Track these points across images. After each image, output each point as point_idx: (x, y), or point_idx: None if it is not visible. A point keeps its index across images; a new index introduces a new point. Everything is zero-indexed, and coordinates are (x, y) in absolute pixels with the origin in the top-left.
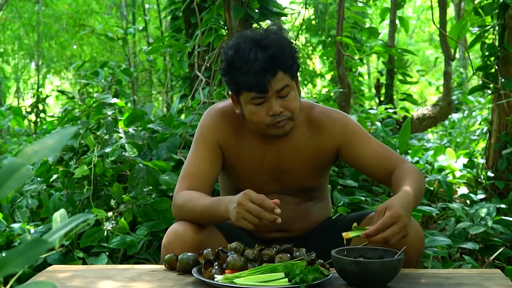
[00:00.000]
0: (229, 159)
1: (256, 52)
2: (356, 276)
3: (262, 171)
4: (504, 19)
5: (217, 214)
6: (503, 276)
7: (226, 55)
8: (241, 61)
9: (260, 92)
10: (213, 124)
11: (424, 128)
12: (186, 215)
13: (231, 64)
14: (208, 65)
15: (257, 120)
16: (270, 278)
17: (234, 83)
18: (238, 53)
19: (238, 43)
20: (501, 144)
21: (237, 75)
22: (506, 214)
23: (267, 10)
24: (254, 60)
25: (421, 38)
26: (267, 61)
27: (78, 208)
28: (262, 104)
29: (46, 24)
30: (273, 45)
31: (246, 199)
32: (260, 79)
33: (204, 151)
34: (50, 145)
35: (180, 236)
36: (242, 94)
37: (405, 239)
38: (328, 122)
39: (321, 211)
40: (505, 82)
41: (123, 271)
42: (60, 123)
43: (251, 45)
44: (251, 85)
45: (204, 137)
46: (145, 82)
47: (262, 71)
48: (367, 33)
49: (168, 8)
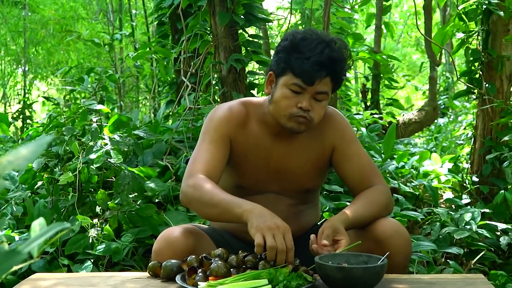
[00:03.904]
0: (236, 156)
1: (325, 47)
2: (339, 282)
3: (266, 170)
4: (488, 25)
5: (232, 211)
6: (486, 281)
7: (293, 37)
8: (306, 47)
9: (306, 82)
10: (224, 118)
11: (410, 133)
12: (198, 200)
13: (294, 46)
14: (194, 71)
15: (285, 105)
16: (253, 284)
17: (287, 62)
18: (306, 40)
19: (307, 34)
20: (485, 149)
21: (294, 57)
22: (490, 218)
23: (253, 16)
24: (320, 52)
25: (408, 43)
26: (329, 60)
27: (63, 215)
28: (297, 94)
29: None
30: (339, 52)
31: (284, 229)
32: (315, 71)
33: (217, 141)
34: (25, 155)
35: (171, 243)
36: (286, 75)
37: (391, 243)
38: (331, 124)
39: (311, 216)
40: (489, 87)
41: (107, 278)
42: (45, 129)
43: (320, 40)
44: (303, 72)
45: (216, 129)
46: (131, 87)
47: (320, 64)
48: (352, 39)
49: (155, 14)
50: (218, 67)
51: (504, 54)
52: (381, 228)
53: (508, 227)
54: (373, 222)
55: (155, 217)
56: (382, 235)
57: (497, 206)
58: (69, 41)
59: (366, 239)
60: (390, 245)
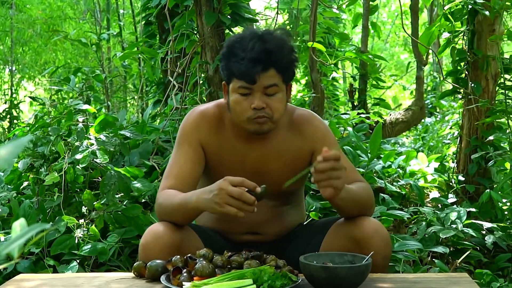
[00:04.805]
0: (211, 160)
1: (255, 43)
2: (324, 281)
3: (243, 172)
4: (473, 25)
5: (189, 206)
6: (470, 280)
7: (229, 42)
8: (239, 48)
9: (248, 81)
10: (195, 125)
11: (397, 133)
12: (164, 212)
13: (230, 50)
14: (181, 71)
15: (240, 110)
16: (238, 284)
17: (227, 68)
18: (239, 41)
19: (244, 33)
20: (471, 148)
21: (232, 61)
22: (476, 217)
23: (239, 16)
24: (251, 49)
25: (396, 43)
26: (262, 53)
27: (48, 215)
28: (247, 96)
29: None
30: (274, 42)
31: (227, 183)
32: (251, 68)
33: (187, 152)
34: (3, 156)
35: (158, 237)
36: (232, 81)
37: (371, 244)
38: (309, 127)
39: (295, 216)
40: (474, 87)
41: (91, 279)
42: (30, 129)
43: (253, 37)
44: (241, 73)
45: (186, 138)
46: (119, 87)
47: (254, 61)
48: (338, 39)
49: (142, 14)
50: (205, 67)
51: (489, 54)
52: (361, 228)
53: (493, 226)
54: (353, 222)
55: (141, 217)
56: (362, 235)
57: (482, 205)
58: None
59: (346, 239)
60: (370, 245)
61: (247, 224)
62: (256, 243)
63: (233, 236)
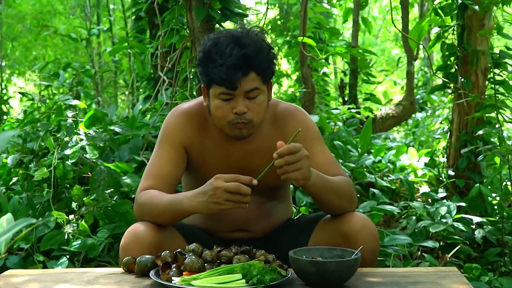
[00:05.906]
0: (194, 160)
1: (233, 48)
2: (313, 276)
3: (228, 170)
4: (463, 20)
5: (180, 209)
6: (459, 274)
7: (204, 46)
8: (216, 54)
9: (229, 88)
10: (177, 125)
11: (388, 128)
12: (147, 213)
13: (207, 56)
14: (171, 66)
15: (221, 115)
16: (227, 279)
17: (206, 74)
18: (215, 46)
19: (218, 37)
20: (461, 143)
21: (211, 68)
22: (466, 212)
23: (229, 10)
24: (229, 55)
25: (387, 38)
26: (241, 59)
27: (38, 211)
28: (229, 101)
29: (9, 24)
30: (251, 45)
31: (221, 181)
32: (231, 75)
33: (169, 153)
34: None
35: (139, 237)
36: (212, 87)
37: (358, 238)
38: (292, 121)
39: (282, 211)
40: (464, 82)
41: (80, 274)
42: (19, 125)
43: (229, 41)
44: (221, 80)
45: (168, 138)
46: (109, 83)
47: (234, 67)
48: (329, 34)
49: (132, 9)
50: (195, 62)
51: (479, 48)
52: (349, 222)
53: (483, 221)
54: (341, 217)
55: (131, 212)
56: (350, 230)
57: (472, 199)
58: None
59: (334, 234)
60: (358, 240)
61: (235, 222)
62: (244, 240)
63: (221, 234)
